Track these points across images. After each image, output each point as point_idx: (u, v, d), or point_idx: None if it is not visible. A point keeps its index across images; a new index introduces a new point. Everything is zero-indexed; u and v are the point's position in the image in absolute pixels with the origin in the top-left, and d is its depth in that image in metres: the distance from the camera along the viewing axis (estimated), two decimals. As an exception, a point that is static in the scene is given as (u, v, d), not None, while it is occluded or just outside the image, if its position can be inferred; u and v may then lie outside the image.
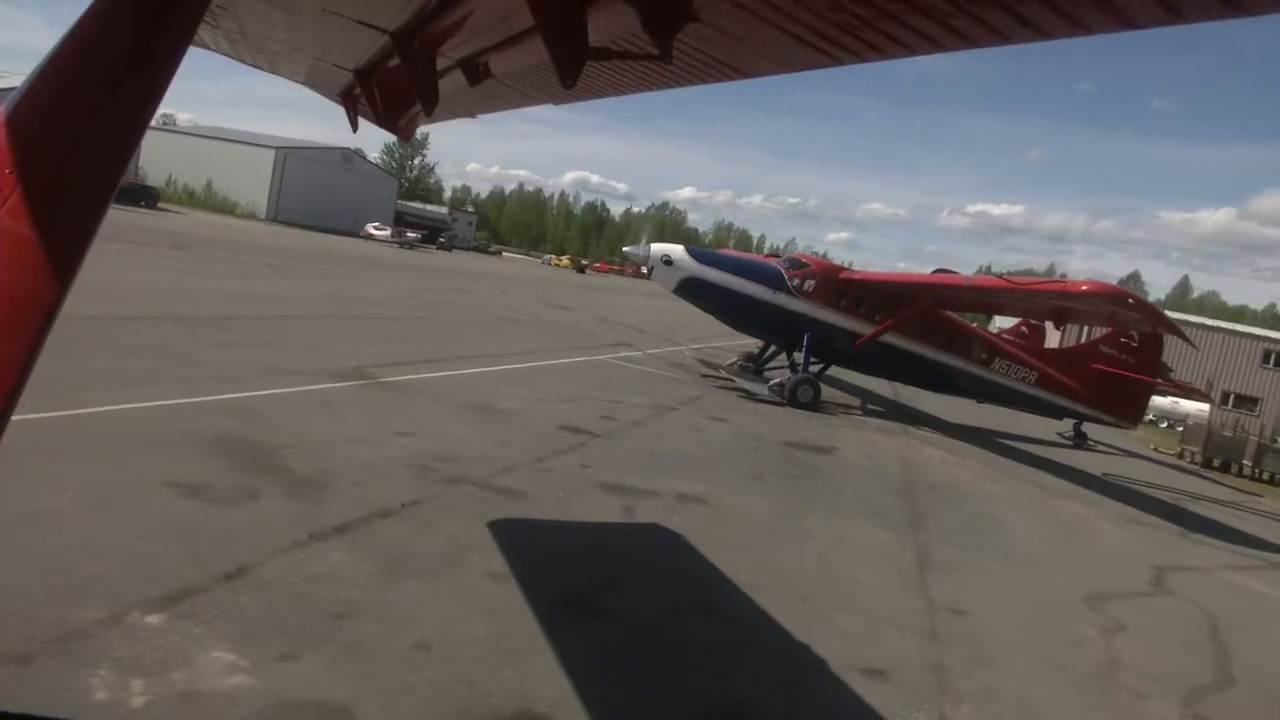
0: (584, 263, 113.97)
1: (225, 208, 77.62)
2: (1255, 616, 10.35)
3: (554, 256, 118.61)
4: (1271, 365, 45.70)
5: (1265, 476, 25.62)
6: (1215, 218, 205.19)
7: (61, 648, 4.52)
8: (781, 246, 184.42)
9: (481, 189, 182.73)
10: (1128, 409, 24.25)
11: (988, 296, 21.47)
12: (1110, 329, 23.55)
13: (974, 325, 23.42)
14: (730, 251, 24.66)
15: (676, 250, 21.39)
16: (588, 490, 9.73)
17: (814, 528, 10.21)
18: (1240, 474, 25.85)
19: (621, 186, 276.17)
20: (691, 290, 21.29)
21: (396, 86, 3.71)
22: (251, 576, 5.80)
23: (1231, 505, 19.60)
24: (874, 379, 24.76)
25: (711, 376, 22.37)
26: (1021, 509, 13.97)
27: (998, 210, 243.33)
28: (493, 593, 6.42)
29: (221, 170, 78.43)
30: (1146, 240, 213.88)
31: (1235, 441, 26.85)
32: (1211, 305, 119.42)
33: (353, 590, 5.96)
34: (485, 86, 3.30)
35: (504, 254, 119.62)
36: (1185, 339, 19.30)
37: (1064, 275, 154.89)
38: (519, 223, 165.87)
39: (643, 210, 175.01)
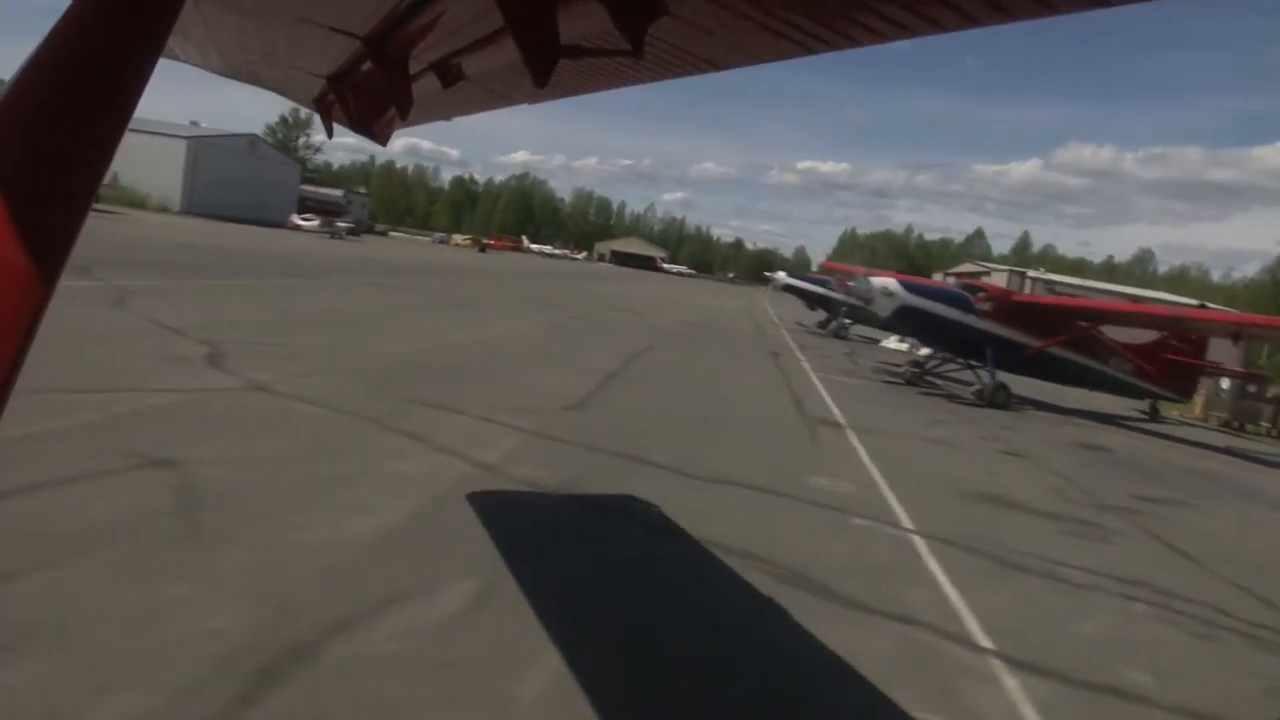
0: (485, 241, 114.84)
1: (135, 201, 73.62)
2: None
3: (449, 236, 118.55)
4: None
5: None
6: (1024, 169, 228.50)
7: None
8: (642, 212, 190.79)
9: (331, 161, 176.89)
10: (1184, 386, 31.12)
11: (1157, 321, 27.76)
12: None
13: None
14: (921, 279, 29.25)
15: (893, 284, 25.92)
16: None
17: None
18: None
19: (454, 153, 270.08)
20: (905, 317, 25.96)
21: (370, 91, 3.75)
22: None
23: None
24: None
25: (904, 384, 27.21)
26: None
27: (825, 168, 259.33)
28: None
29: (127, 162, 74.10)
30: (963, 193, 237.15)
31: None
32: (1051, 259, 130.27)
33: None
34: (459, 89, 3.36)
35: (390, 234, 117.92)
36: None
37: (920, 235, 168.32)
38: (384, 199, 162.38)
39: (503, 180, 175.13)
